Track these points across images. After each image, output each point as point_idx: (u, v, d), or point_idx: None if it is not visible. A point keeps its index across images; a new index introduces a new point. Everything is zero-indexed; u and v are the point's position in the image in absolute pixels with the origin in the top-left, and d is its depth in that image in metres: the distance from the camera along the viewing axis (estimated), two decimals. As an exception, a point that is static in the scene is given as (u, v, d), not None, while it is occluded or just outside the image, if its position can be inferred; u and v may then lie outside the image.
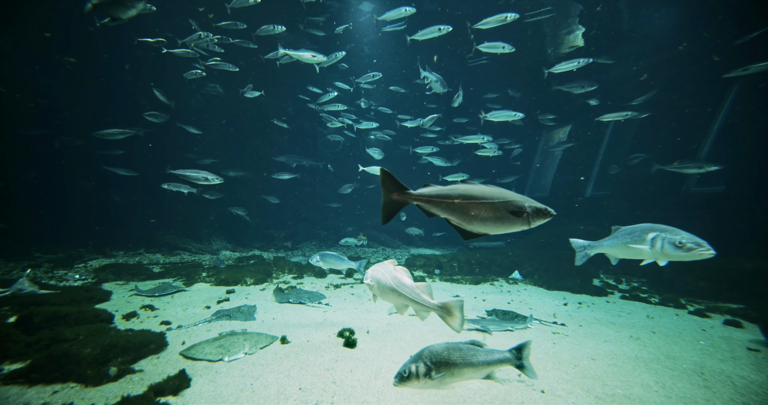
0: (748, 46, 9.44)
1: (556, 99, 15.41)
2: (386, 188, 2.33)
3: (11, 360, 3.70)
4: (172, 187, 10.07)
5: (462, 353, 2.34)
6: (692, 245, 2.92)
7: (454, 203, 2.26)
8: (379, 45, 15.00)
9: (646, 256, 3.24)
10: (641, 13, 11.15)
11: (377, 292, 2.88)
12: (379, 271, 2.85)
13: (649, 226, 3.22)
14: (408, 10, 8.81)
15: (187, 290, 7.40)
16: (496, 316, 5.88)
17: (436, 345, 2.39)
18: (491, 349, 2.40)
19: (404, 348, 4.44)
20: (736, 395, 3.49)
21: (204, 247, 13.71)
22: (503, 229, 2.27)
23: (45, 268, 9.05)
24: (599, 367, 4.05)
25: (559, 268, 9.84)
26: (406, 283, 2.72)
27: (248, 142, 17.28)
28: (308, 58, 8.58)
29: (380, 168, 2.36)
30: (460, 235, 2.36)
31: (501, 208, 2.20)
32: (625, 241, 3.31)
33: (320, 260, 5.99)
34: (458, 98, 10.91)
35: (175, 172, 6.83)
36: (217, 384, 3.41)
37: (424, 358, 2.32)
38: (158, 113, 10.78)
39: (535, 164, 18.88)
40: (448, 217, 2.32)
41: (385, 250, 16.03)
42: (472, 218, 2.24)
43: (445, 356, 2.31)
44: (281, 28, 9.20)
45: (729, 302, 7.38)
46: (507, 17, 7.99)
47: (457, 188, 2.28)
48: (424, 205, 2.35)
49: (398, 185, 2.32)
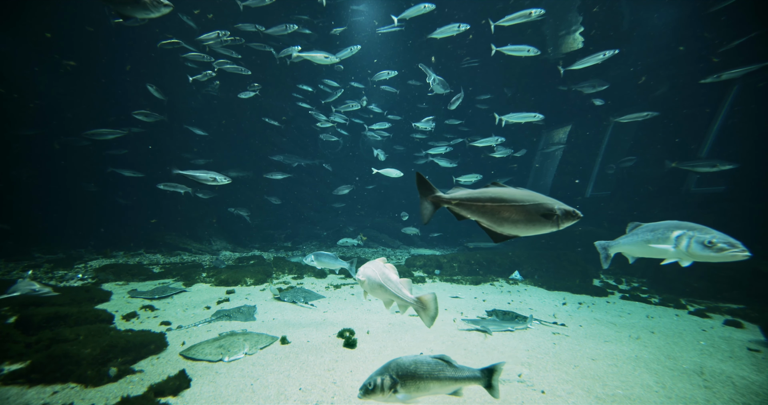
0: (747, 47, 9.47)
1: (556, 99, 15.43)
2: (422, 192, 2.41)
3: (11, 360, 3.71)
4: (168, 187, 10.07)
5: (430, 367, 2.29)
6: (724, 245, 2.67)
7: (485, 206, 2.29)
8: (377, 45, 14.99)
9: (669, 256, 3.00)
10: (641, 14, 11.17)
11: (367, 288, 2.99)
12: (370, 268, 2.97)
13: (674, 223, 2.99)
14: (428, 7, 8.29)
15: (186, 291, 7.39)
16: (496, 316, 5.88)
17: (404, 358, 2.35)
18: (461, 366, 2.36)
19: (404, 348, 4.44)
20: (737, 395, 3.49)
21: (204, 247, 13.70)
22: (533, 231, 2.29)
23: (45, 269, 9.05)
24: (599, 368, 4.05)
25: (559, 269, 9.84)
26: (392, 279, 2.84)
27: (248, 143, 17.29)
28: (321, 59, 8.52)
29: (416, 173, 2.43)
30: (491, 238, 2.39)
31: (532, 210, 2.22)
32: (645, 238, 3.07)
33: (314, 260, 5.98)
34: (458, 101, 10.88)
35: (184, 172, 6.79)
36: (217, 384, 3.41)
37: (390, 370, 2.26)
38: (149, 112, 10.46)
39: (535, 164, 18.89)
40: (479, 219, 2.35)
41: (386, 251, 16.03)
42: (503, 221, 2.27)
43: (413, 370, 2.26)
44: (294, 27, 9.04)
45: (729, 302, 7.38)
46: (532, 13, 7.39)
47: (488, 191, 2.32)
48: (455, 208, 2.39)
49: (431, 188, 2.39)
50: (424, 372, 2.27)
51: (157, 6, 4.16)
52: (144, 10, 4.18)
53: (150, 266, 9.99)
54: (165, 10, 4.26)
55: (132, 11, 4.22)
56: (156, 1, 4.15)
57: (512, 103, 16.91)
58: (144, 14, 4.24)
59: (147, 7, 4.14)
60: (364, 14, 13.68)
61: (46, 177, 13.40)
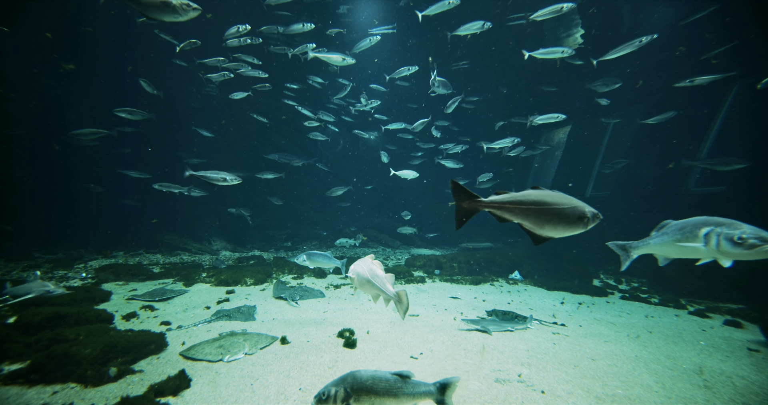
0: (746, 48, 9.48)
1: (555, 100, 15.44)
2: (457, 197, 2.45)
3: (11, 360, 3.70)
4: (163, 187, 10.07)
5: (387, 383, 2.27)
6: (756, 241, 2.44)
7: (529, 209, 2.34)
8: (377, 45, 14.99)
9: (703, 255, 2.78)
10: (641, 14, 11.17)
11: (357, 284, 3.18)
12: (359, 265, 3.17)
13: (702, 219, 2.78)
14: (453, 2, 8.06)
15: (186, 291, 7.39)
16: (496, 316, 5.88)
17: (362, 371, 2.34)
18: (417, 382, 2.34)
19: (404, 348, 4.44)
20: (737, 395, 3.49)
21: (204, 247, 13.70)
22: (568, 232, 2.36)
23: (45, 269, 9.04)
24: (599, 368, 4.05)
25: (558, 269, 9.84)
26: (378, 275, 3.05)
27: (247, 143, 17.28)
28: (338, 61, 8.48)
29: (451, 180, 2.49)
30: (532, 240, 2.44)
31: (570, 213, 2.30)
32: (675, 238, 2.85)
33: (306, 260, 5.94)
34: (454, 104, 10.89)
35: (196, 173, 6.77)
36: (217, 384, 3.41)
37: (346, 383, 2.26)
38: (134, 110, 10.00)
39: (534, 164, 18.90)
40: (522, 222, 2.39)
41: (386, 251, 16.03)
42: (545, 223, 2.33)
43: (369, 385, 2.24)
44: (310, 26, 8.93)
45: (729, 302, 7.39)
46: (563, 8, 7.21)
47: (531, 194, 2.37)
48: (497, 212, 2.43)
49: (469, 194, 2.43)
50: (381, 389, 2.25)
51: (186, 10, 4.11)
52: (173, 14, 4.11)
53: (150, 266, 9.99)
54: (193, 14, 4.20)
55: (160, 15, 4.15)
56: (185, 5, 4.09)
57: (510, 103, 16.92)
58: (172, 18, 4.18)
59: (176, 11, 4.08)
60: (364, 14, 13.67)
61: (45, 177, 13.40)
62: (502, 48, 14.03)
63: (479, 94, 15.47)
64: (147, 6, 4.03)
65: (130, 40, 12.65)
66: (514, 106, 17.16)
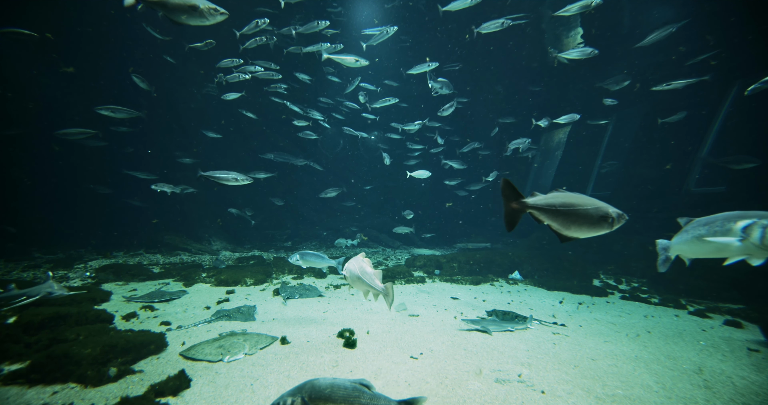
0: (744, 49, 9.49)
1: (554, 100, 15.45)
2: (506, 198, 2.47)
3: (11, 360, 3.71)
4: (158, 188, 10.07)
5: (346, 393, 2.20)
6: None
7: (558, 211, 2.40)
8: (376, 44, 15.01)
9: (733, 253, 2.53)
10: (641, 14, 11.18)
11: (350, 281, 3.43)
12: (352, 264, 3.41)
13: (736, 213, 2.56)
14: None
15: (186, 294, 7.38)
16: (496, 316, 5.88)
17: (321, 379, 2.28)
18: (378, 394, 2.26)
19: (404, 348, 4.44)
20: (737, 395, 3.49)
21: (204, 247, 13.70)
22: (592, 233, 2.40)
23: (45, 269, 9.04)
24: (599, 368, 4.05)
25: (558, 269, 9.84)
26: (367, 272, 3.31)
27: (247, 143, 17.28)
28: (352, 62, 8.47)
29: (503, 178, 2.50)
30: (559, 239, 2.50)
31: (594, 214, 2.34)
32: (698, 234, 2.64)
33: (300, 259, 5.92)
34: (450, 108, 10.92)
35: (206, 174, 6.76)
36: (217, 384, 3.41)
37: (303, 392, 2.19)
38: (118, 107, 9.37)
39: (534, 164, 18.89)
40: (551, 223, 2.45)
41: (386, 251, 16.02)
42: (572, 224, 2.39)
43: (327, 393, 2.18)
44: (325, 23, 8.88)
45: (729, 302, 7.39)
46: (592, 2, 7.31)
47: (558, 197, 2.43)
48: (536, 213, 2.47)
49: (517, 194, 2.45)
50: (339, 397, 2.19)
51: (213, 14, 4.08)
52: (200, 18, 4.09)
53: (150, 266, 9.99)
54: (220, 18, 4.17)
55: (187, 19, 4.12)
56: (213, 9, 4.06)
57: (509, 104, 16.94)
58: (199, 22, 4.15)
59: (203, 15, 4.06)
60: (363, 14, 13.68)
61: (45, 177, 13.39)
62: (501, 48, 14.04)
63: (478, 94, 15.49)
64: (173, 10, 4.00)
65: (130, 41, 12.66)
66: (513, 107, 17.17)
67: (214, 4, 4.08)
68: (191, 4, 3.95)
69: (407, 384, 3.50)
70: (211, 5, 4.06)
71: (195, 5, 3.96)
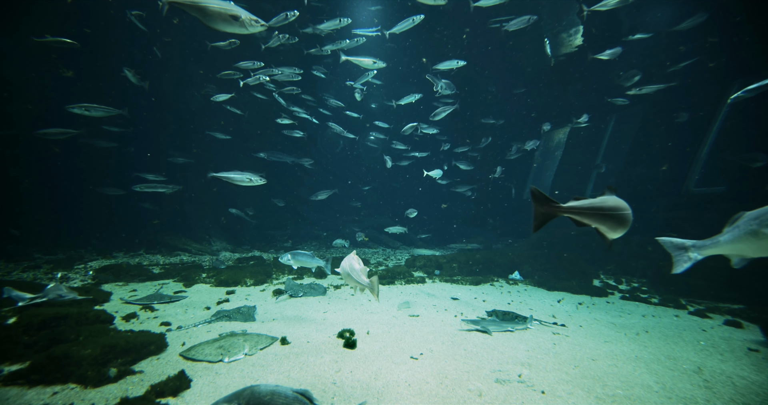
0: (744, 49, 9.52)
1: (551, 100, 15.46)
2: (537, 202, 2.57)
3: (11, 361, 3.70)
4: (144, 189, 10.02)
5: (286, 401, 2.13)
6: None
7: (607, 215, 2.48)
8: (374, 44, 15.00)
9: None
10: (641, 14, 11.19)
11: (343, 277, 3.69)
12: (346, 261, 3.70)
13: None
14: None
15: (184, 297, 7.37)
16: (496, 316, 5.88)
17: (262, 386, 2.19)
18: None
19: (404, 348, 4.44)
20: (737, 395, 3.49)
21: (204, 247, 13.70)
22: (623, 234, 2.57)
23: (45, 269, 9.04)
24: (599, 368, 4.05)
25: (558, 269, 9.84)
26: (355, 268, 3.55)
27: (247, 143, 17.28)
28: (369, 64, 8.46)
29: (532, 186, 2.61)
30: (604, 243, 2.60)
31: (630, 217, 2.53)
32: (750, 230, 2.31)
33: (291, 259, 5.92)
34: (442, 113, 10.96)
35: (218, 175, 6.73)
36: (217, 385, 3.41)
37: (241, 398, 2.11)
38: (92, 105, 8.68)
39: (533, 164, 18.91)
40: (599, 226, 2.54)
41: (386, 251, 16.03)
42: (617, 226, 2.50)
43: (266, 401, 2.10)
44: (347, 21, 8.79)
45: (729, 302, 7.39)
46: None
47: (608, 201, 2.53)
48: (576, 217, 2.55)
49: (547, 199, 2.54)
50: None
51: (253, 25, 4.10)
52: (240, 27, 4.10)
53: (150, 267, 9.98)
54: (259, 29, 4.19)
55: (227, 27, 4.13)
56: (254, 20, 4.08)
57: (508, 104, 16.96)
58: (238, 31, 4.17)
59: (243, 25, 4.06)
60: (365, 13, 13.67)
61: (44, 177, 13.39)
62: (499, 47, 14.04)
63: (478, 94, 15.50)
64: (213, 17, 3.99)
65: (130, 41, 12.65)
66: (512, 107, 17.19)
67: (254, 15, 4.12)
68: (233, 14, 3.96)
69: (407, 384, 3.50)
70: (252, 16, 4.09)
71: (237, 15, 3.98)
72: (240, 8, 4.02)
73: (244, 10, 4.05)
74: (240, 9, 4.01)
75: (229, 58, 13.39)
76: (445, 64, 9.90)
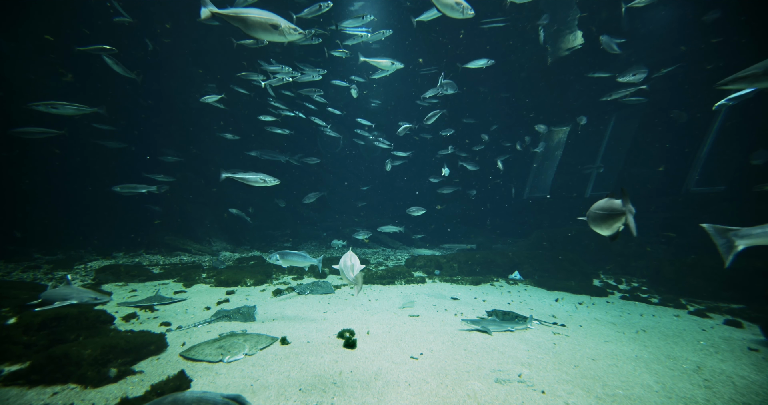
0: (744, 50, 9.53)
1: (551, 101, 15.47)
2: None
3: (11, 361, 3.71)
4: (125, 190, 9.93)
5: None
6: None
7: None
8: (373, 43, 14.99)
9: None
10: (641, 15, 11.19)
11: (341, 273, 3.88)
12: (343, 259, 3.93)
13: None
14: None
15: (183, 300, 7.37)
16: (496, 316, 5.88)
17: (188, 393, 2.09)
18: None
19: (404, 348, 4.44)
20: (737, 395, 3.49)
21: (204, 247, 13.70)
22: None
23: (45, 269, 9.04)
24: (599, 368, 4.05)
25: (558, 269, 9.84)
26: (347, 264, 3.78)
27: (246, 143, 17.29)
28: (387, 66, 8.45)
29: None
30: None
31: None
32: None
33: (280, 259, 5.85)
34: (434, 117, 11.00)
35: (233, 176, 6.73)
36: (217, 385, 3.41)
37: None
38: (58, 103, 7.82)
39: (533, 165, 18.91)
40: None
41: (386, 251, 16.03)
42: None
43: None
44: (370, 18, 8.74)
45: (729, 302, 7.39)
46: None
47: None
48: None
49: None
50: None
51: (292, 33, 4.16)
52: (279, 36, 4.17)
53: (150, 267, 9.98)
54: (298, 37, 4.25)
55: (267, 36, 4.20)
56: (293, 29, 4.14)
57: (506, 105, 16.96)
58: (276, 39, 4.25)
59: (282, 33, 4.13)
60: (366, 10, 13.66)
61: (44, 178, 13.38)
62: (498, 47, 14.04)
63: (478, 94, 15.49)
64: (255, 27, 4.08)
65: (130, 41, 12.64)
66: (510, 107, 17.19)
67: (293, 24, 4.19)
68: (273, 23, 4.04)
69: (407, 384, 3.50)
70: (290, 25, 4.16)
71: (276, 24, 4.06)
72: (280, 17, 4.11)
73: (283, 19, 4.14)
74: (280, 18, 4.11)
75: (229, 59, 13.42)
76: (474, 64, 9.89)
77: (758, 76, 2.82)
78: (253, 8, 4.15)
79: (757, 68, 2.82)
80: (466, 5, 5.33)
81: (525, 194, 19.15)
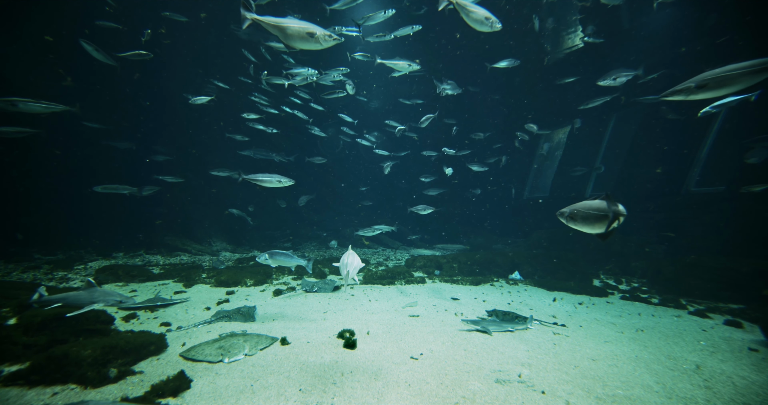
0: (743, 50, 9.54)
1: (551, 101, 15.47)
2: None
3: (11, 362, 3.70)
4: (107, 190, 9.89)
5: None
6: None
7: None
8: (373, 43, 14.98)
9: None
10: (641, 15, 11.20)
11: (340, 270, 4.07)
12: (343, 257, 4.10)
13: None
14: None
15: (184, 300, 7.38)
16: (497, 316, 5.88)
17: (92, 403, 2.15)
18: None
19: (404, 349, 4.44)
20: (737, 395, 3.49)
21: (204, 248, 13.70)
22: None
23: (45, 270, 9.03)
24: (600, 368, 4.05)
25: (558, 269, 9.84)
26: (344, 262, 4.02)
27: (246, 143, 17.28)
28: (404, 67, 8.49)
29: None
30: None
31: None
32: None
33: (269, 258, 5.89)
34: (427, 121, 11.05)
35: (248, 177, 6.78)
36: (217, 385, 3.41)
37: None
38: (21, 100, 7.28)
39: (533, 165, 18.90)
40: None
41: (385, 251, 16.02)
42: None
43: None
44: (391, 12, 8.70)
45: (729, 302, 7.39)
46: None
47: None
48: None
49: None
50: None
51: (327, 40, 4.21)
52: (315, 44, 4.23)
53: (150, 267, 9.98)
54: (332, 43, 4.31)
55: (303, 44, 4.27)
56: (328, 36, 4.20)
57: (505, 106, 16.96)
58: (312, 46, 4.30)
59: (318, 41, 4.19)
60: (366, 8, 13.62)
61: (44, 178, 13.38)
62: (497, 47, 14.03)
63: (477, 94, 15.48)
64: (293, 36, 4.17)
65: (130, 42, 12.65)
66: (510, 107, 17.19)
67: (328, 31, 4.25)
68: (309, 31, 4.13)
69: (407, 384, 3.50)
70: (325, 32, 4.21)
71: (312, 32, 4.14)
72: (316, 26, 4.18)
73: (319, 27, 4.20)
74: (316, 26, 4.17)
75: (229, 59, 13.42)
76: (502, 63, 10.02)
77: (691, 89, 3.07)
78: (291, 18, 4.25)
79: (691, 82, 3.06)
80: (494, 19, 5.40)
81: (525, 195, 19.16)
